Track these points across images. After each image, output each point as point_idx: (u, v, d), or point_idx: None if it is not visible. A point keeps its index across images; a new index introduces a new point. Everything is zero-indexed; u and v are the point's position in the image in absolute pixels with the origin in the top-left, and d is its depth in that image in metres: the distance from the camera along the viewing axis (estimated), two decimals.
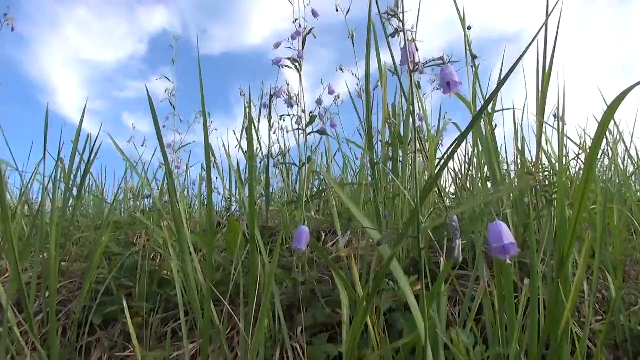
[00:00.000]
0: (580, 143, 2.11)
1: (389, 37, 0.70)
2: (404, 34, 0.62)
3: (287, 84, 1.28)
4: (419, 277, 0.71)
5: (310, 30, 1.42)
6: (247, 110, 1.36)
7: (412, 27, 0.69)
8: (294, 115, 1.29)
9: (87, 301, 1.29)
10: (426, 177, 1.50)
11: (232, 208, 2.37)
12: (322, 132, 1.26)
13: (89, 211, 2.68)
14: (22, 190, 1.87)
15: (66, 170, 1.39)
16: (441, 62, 0.59)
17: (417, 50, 0.65)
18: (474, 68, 1.47)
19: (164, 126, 1.84)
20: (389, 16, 0.62)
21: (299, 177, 1.36)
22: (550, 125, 1.42)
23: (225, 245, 1.66)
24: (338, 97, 1.32)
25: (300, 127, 1.22)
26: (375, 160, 1.31)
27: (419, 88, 1.61)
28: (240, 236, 1.44)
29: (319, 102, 1.31)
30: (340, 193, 0.79)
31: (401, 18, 0.62)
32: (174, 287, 1.15)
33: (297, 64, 1.35)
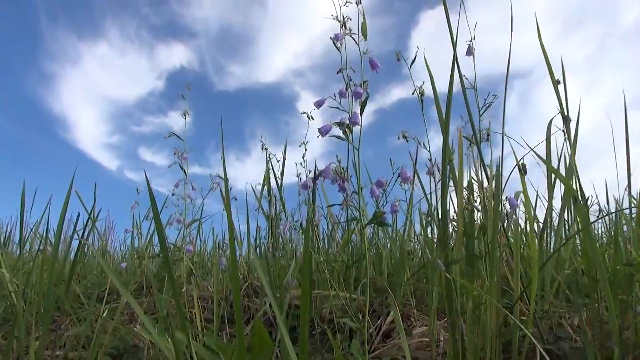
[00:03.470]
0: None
1: None
2: None
3: (339, 161, 0.98)
4: None
5: (365, 83, 1.13)
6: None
7: None
8: (342, 205, 0.98)
9: None
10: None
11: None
12: (382, 223, 0.95)
13: (92, 269, 2.39)
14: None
15: (52, 258, 1.11)
16: None
17: None
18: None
19: (173, 194, 1.57)
20: None
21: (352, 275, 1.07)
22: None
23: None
24: (408, 180, 1.01)
25: (357, 219, 0.91)
26: (451, 259, 1.00)
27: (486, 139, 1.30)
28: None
29: (379, 184, 1.01)
30: None
31: None
32: None
33: (347, 129, 1.06)
